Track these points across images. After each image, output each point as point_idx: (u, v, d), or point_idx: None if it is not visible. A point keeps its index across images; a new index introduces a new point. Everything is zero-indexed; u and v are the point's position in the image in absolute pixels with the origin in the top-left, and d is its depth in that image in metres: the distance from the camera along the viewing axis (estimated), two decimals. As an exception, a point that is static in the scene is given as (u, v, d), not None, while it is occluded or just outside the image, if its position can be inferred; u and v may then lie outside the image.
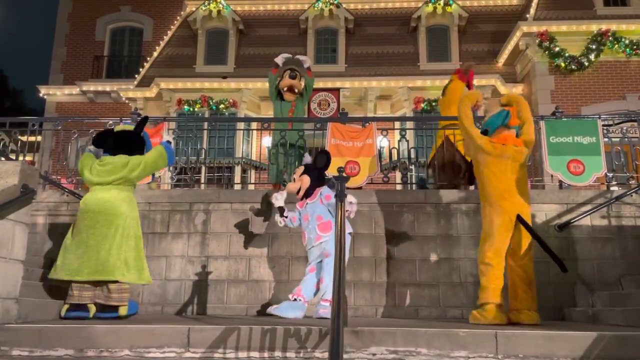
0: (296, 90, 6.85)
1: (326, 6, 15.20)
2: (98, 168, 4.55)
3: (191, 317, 5.00)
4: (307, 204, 4.88)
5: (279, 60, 6.95)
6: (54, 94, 16.55)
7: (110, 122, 6.84)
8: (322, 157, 4.97)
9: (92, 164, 4.58)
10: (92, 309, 4.33)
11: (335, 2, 15.28)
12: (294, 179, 4.94)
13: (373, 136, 6.26)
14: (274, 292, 5.58)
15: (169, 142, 4.83)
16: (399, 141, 6.57)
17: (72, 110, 16.15)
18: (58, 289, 4.57)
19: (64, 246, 4.41)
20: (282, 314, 4.53)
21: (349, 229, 4.84)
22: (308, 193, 4.87)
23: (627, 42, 12.70)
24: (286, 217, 4.95)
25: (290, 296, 4.71)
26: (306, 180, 4.86)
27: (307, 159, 5.19)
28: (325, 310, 4.50)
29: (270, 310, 4.70)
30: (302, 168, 4.99)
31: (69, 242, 4.41)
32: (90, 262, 4.24)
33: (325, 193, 4.83)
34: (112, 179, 4.48)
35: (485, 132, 4.62)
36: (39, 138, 12.98)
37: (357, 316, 5.37)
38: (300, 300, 4.66)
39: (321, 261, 4.75)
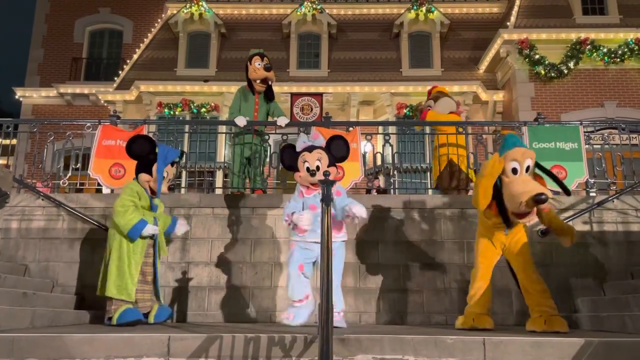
0: (270, 82, 6.24)
1: (309, 11, 15.18)
2: None
3: (171, 325, 4.86)
4: (316, 193, 4.26)
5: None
6: (30, 96, 16.16)
7: (88, 124, 6.66)
8: (341, 145, 4.46)
9: None
10: None
11: (318, 7, 15.28)
12: (318, 166, 4.27)
13: (357, 141, 6.20)
14: (256, 298, 5.48)
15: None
16: (383, 146, 6.53)
17: (49, 113, 15.79)
18: (32, 297, 4.39)
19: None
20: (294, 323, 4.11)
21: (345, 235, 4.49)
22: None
23: (605, 50, 12.92)
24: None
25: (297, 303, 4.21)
26: (334, 171, 4.34)
27: (304, 139, 4.50)
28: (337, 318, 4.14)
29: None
30: (322, 153, 4.33)
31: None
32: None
33: (337, 188, 4.21)
34: None
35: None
36: (14, 141, 12.69)
37: (341, 323, 5.28)
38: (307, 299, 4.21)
39: (314, 263, 4.34)
